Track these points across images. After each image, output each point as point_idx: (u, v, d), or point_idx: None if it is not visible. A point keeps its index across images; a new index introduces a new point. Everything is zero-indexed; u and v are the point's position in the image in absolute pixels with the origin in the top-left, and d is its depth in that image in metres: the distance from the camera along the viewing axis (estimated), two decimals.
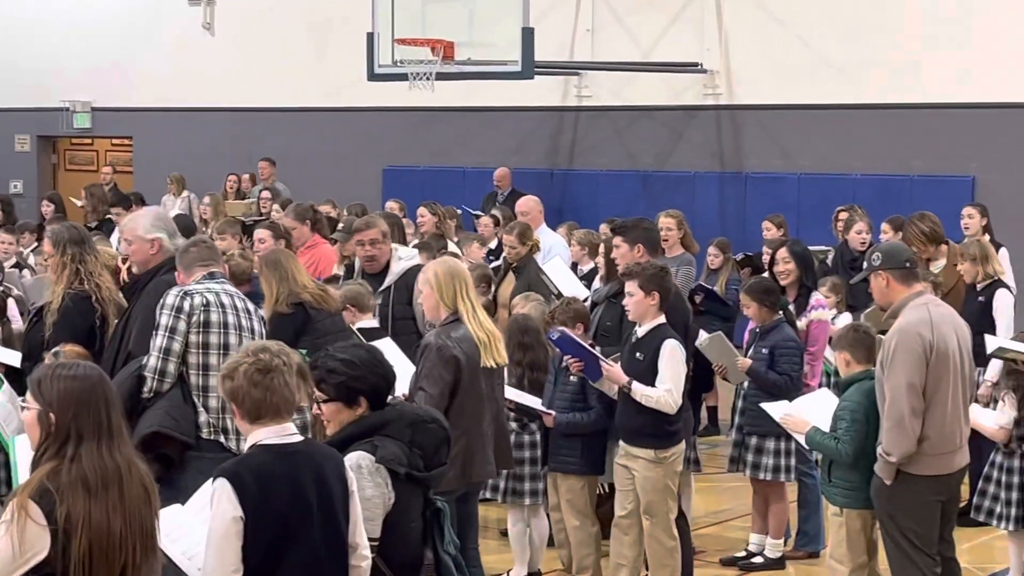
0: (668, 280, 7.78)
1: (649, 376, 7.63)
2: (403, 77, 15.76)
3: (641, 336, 7.76)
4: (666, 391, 7.58)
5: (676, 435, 7.75)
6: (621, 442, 7.82)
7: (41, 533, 4.22)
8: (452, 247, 12.12)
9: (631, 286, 7.76)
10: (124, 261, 8.54)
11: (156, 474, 6.88)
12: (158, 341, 6.89)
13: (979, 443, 7.18)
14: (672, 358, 7.62)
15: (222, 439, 6.92)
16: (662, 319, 7.74)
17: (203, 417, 6.90)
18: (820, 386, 9.07)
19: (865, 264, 7.19)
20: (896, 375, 6.71)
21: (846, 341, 7.28)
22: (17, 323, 8.85)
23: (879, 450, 6.80)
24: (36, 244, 12.12)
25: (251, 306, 7.26)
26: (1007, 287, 10.07)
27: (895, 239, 10.67)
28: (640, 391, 7.61)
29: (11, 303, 8.91)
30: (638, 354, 7.71)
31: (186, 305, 6.91)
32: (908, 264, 7.04)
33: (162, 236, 7.61)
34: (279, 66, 20.51)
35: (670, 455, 7.71)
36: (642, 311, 7.73)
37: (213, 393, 6.88)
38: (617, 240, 8.49)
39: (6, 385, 7.66)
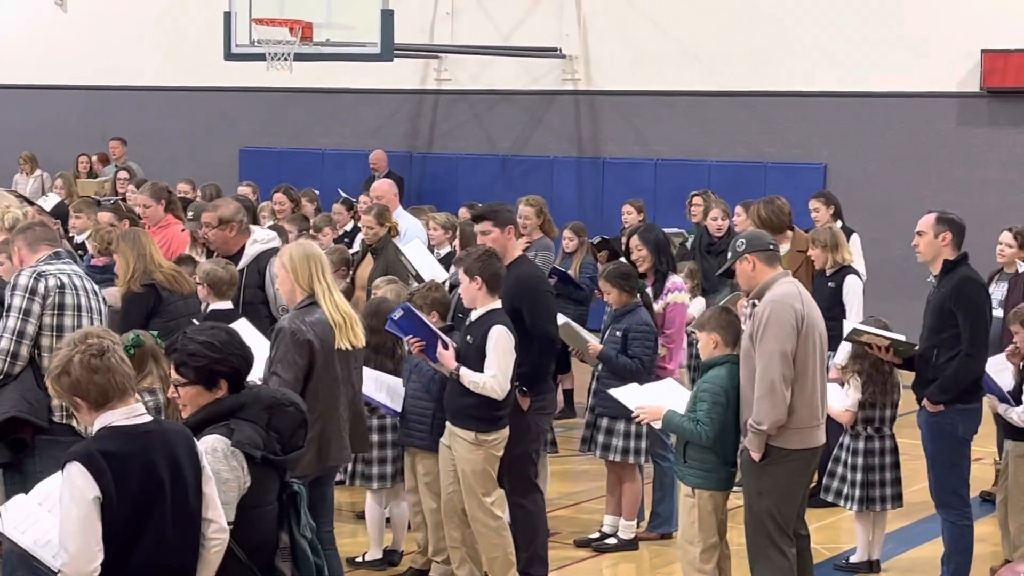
0: (494, 264, 7.77)
1: (477, 361, 7.64)
2: (261, 57, 15.61)
3: (473, 320, 7.79)
4: (491, 377, 7.60)
5: (500, 420, 7.75)
6: (447, 422, 7.87)
7: None
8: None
9: (460, 272, 7.81)
10: None
11: (5, 459, 6.84)
12: (11, 323, 6.77)
13: (828, 425, 7.35)
14: (499, 343, 7.62)
15: (74, 423, 6.81)
16: (495, 304, 7.75)
17: (55, 401, 6.77)
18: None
19: (730, 252, 7.30)
20: (768, 343, 6.85)
21: (716, 322, 7.36)
22: None
23: (749, 422, 6.91)
24: None
25: (96, 287, 7.18)
26: (856, 273, 10.28)
27: (747, 223, 10.84)
28: (467, 376, 7.63)
29: None
30: (468, 338, 7.74)
31: (40, 287, 6.81)
32: (771, 247, 7.23)
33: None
34: (134, 44, 20.23)
35: (492, 439, 7.73)
36: (471, 296, 7.76)
37: None
38: (486, 225, 8.36)
39: None
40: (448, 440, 7.84)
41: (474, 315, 7.80)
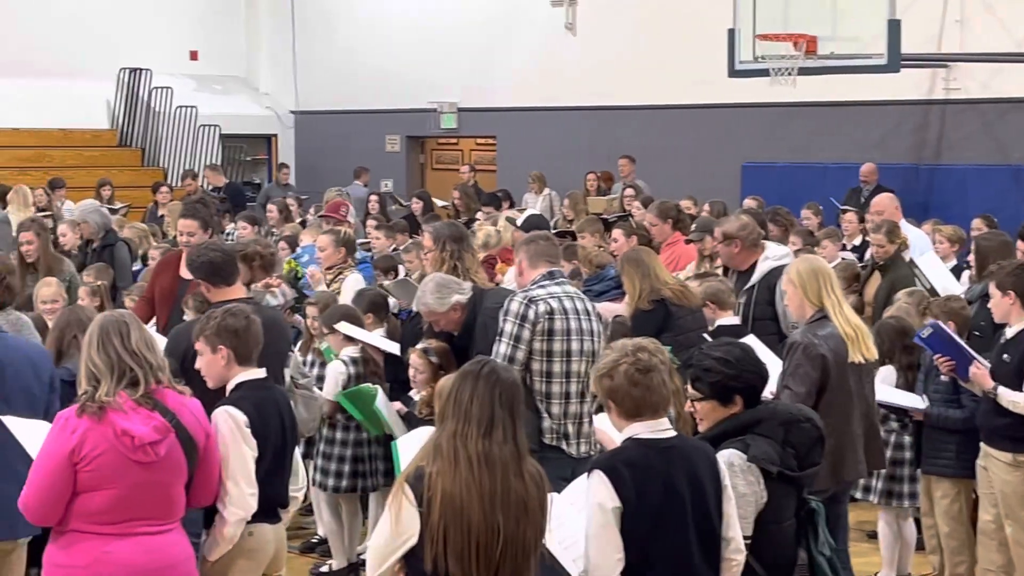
0: None
1: (1016, 379, 7.32)
2: (764, 73, 15.65)
3: (1009, 338, 7.46)
4: None
5: None
6: (981, 442, 7.55)
7: (413, 515, 4.42)
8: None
9: (991, 286, 7.50)
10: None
11: None
12: (502, 348, 6.93)
13: None
14: None
15: (563, 445, 6.99)
16: None
17: (546, 423, 6.96)
18: None
19: None
20: None
21: None
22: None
23: None
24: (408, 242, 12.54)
25: (590, 306, 7.25)
26: None
27: None
28: (1006, 396, 7.31)
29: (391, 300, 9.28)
30: (1005, 356, 7.41)
31: (531, 313, 6.94)
32: None
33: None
34: (639, 64, 20.62)
35: None
36: (1003, 312, 7.45)
37: (556, 400, 6.96)
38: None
39: (381, 393, 7.99)
40: (983, 461, 7.55)
41: (1009, 332, 7.48)
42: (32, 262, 10.62)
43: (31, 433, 5.65)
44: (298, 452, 6.21)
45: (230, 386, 5.79)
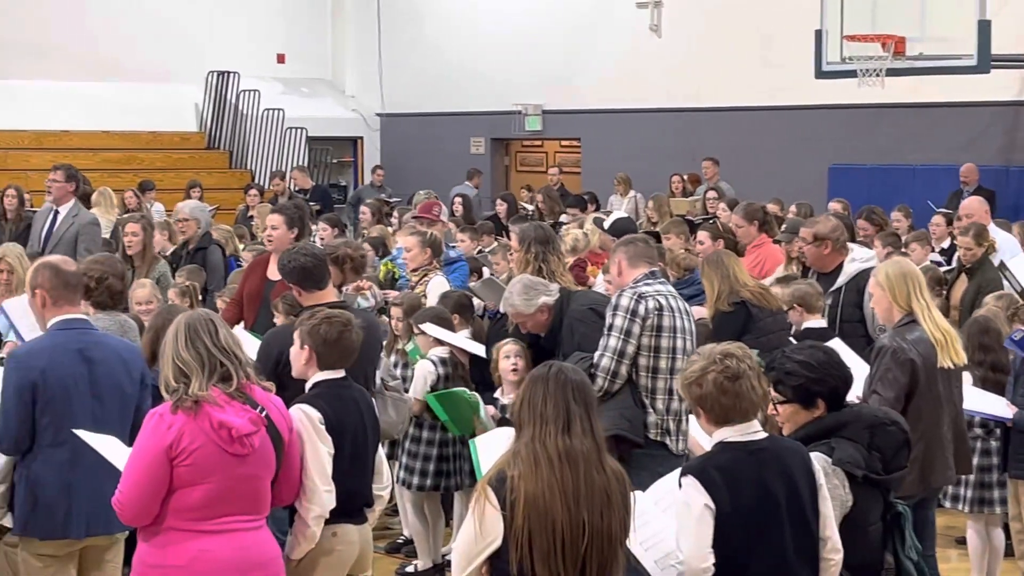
0: None
1: None
2: (852, 74, 15.53)
3: None
4: None
5: None
6: None
7: (496, 518, 4.44)
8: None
9: None
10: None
11: None
12: (611, 342, 7.01)
13: None
14: None
15: (667, 440, 7.02)
16: None
17: (651, 418, 7.02)
18: None
19: None
20: None
21: None
22: None
23: None
24: (494, 244, 12.58)
25: (686, 306, 7.32)
26: None
27: None
28: None
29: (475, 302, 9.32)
30: None
31: (641, 308, 7.02)
32: None
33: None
34: (725, 65, 20.53)
35: None
36: None
37: (660, 395, 7.00)
38: None
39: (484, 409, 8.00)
40: None
41: None
42: (131, 255, 10.76)
43: (103, 446, 5.69)
44: (382, 451, 6.25)
45: (308, 385, 5.86)
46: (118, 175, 20.69)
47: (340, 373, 5.88)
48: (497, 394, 8.05)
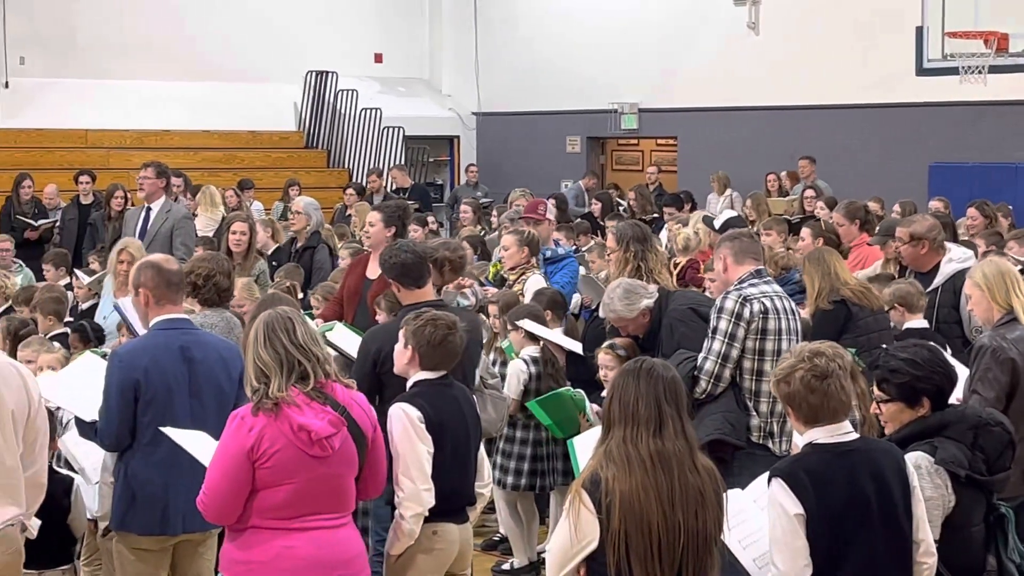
0: None
1: None
2: (953, 71, 15.37)
3: None
4: None
5: None
6: None
7: (592, 521, 4.44)
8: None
9: None
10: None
11: None
12: (715, 345, 7.00)
13: None
14: None
15: (770, 443, 6.99)
16: None
17: (754, 421, 7.00)
18: None
19: None
20: None
21: None
22: None
23: None
24: (591, 243, 12.57)
25: (793, 305, 7.29)
26: None
27: None
28: None
29: (576, 297, 9.32)
30: None
31: (746, 312, 7.00)
32: None
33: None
34: (823, 63, 20.34)
35: None
36: None
37: (764, 398, 6.96)
38: None
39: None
40: None
41: None
42: (236, 253, 10.88)
43: (192, 442, 5.76)
44: (483, 449, 6.27)
45: (409, 383, 5.89)
46: (218, 174, 20.92)
47: (441, 372, 5.91)
48: (604, 394, 8.03)
